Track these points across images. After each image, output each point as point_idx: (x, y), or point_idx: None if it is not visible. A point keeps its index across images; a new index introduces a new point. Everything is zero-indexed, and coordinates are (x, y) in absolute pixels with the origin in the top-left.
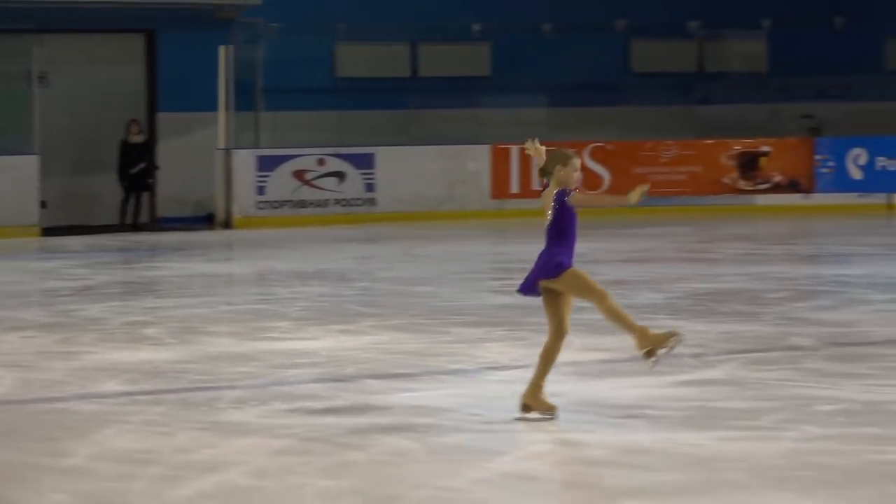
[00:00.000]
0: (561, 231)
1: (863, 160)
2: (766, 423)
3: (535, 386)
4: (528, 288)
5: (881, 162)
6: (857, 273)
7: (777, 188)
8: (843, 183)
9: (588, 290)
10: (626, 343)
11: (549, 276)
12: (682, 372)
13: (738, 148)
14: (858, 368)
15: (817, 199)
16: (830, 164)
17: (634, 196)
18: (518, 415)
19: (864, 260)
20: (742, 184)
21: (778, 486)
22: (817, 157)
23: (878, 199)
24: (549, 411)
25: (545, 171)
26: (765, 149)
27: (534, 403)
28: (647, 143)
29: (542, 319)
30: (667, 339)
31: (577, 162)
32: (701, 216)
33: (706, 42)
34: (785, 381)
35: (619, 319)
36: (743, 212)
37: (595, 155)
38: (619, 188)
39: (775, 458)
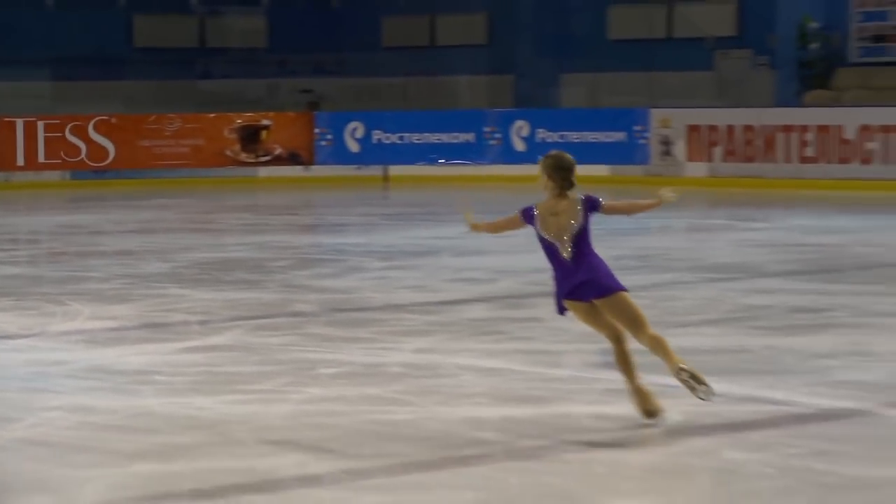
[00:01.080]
0: (590, 242)
1: (360, 133)
2: (270, 386)
3: (637, 391)
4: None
5: (377, 135)
6: (356, 242)
7: (278, 160)
8: (341, 155)
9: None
10: (131, 312)
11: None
12: (188, 339)
13: (239, 121)
14: (358, 333)
15: (317, 171)
16: (329, 137)
17: (666, 196)
18: (647, 421)
19: (361, 229)
20: (244, 156)
21: (283, 446)
22: (316, 130)
23: (375, 171)
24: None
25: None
26: (265, 122)
27: (651, 406)
28: (150, 117)
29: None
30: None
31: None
32: (205, 188)
33: (207, 18)
34: (289, 345)
35: (662, 350)
36: (245, 183)
37: (99, 128)
38: (124, 161)
39: (280, 419)
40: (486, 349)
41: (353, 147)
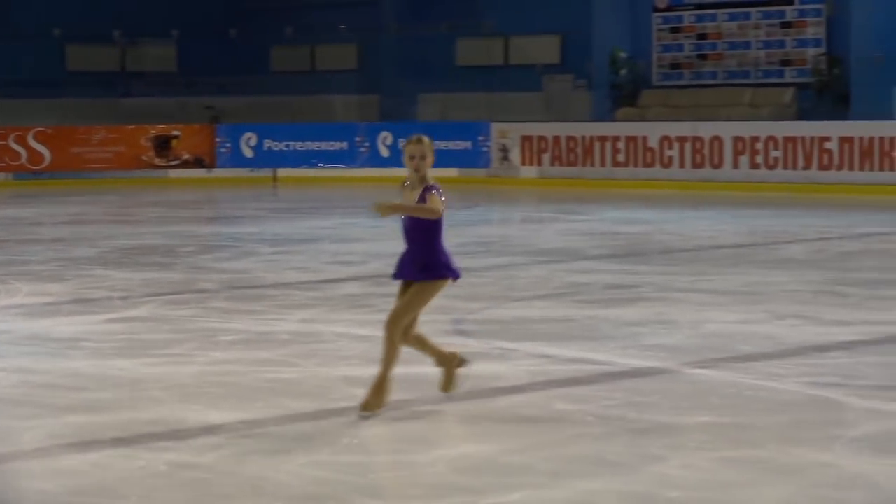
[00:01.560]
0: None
1: (253, 142)
2: (180, 350)
3: (379, 384)
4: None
5: (268, 143)
6: (250, 231)
7: (186, 164)
8: (238, 160)
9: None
10: (64, 289)
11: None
12: (111, 311)
13: (153, 132)
14: (253, 306)
15: (218, 173)
16: (228, 145)
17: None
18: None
19: (255, 221)
20: (157, 161)
21: (190, 400)
22: (217, 139)
23: (266, 173)
24: (368, 409)
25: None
26: (175, 133)
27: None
28: (80, 128)
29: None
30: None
31: (409, 148)
32: (125, 187)
33: (127, 47)
34: (195, 317)
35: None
36: (159, 183)
37: (37, 137)
38: (58, 164)
39: (188, 378)
40: (358, 320)
41: (248, 153)
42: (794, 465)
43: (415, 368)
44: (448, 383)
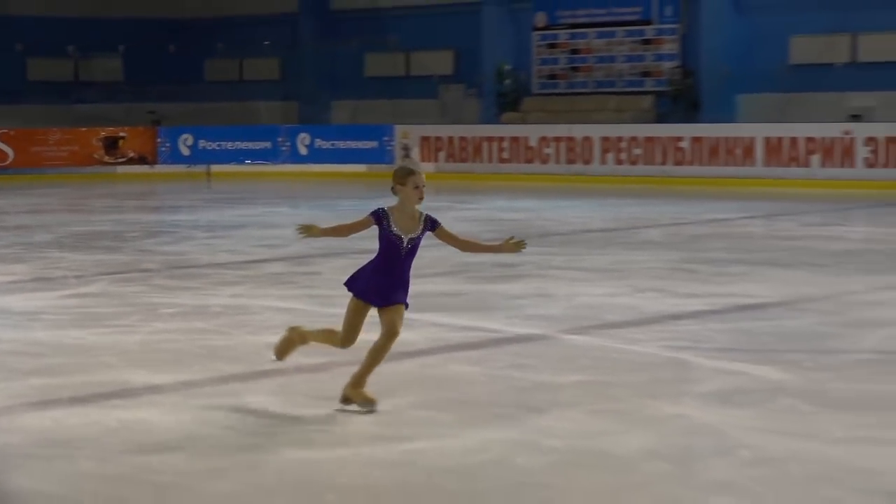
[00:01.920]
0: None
1: (190, 142)
2: (127, 322)
3: (359, 379)
4: (365, 293)
5: (203, 143)
6: (187, 219)
7: (131, 161)
8: (176, 158)
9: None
10: (25, 269)
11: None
12: (67, 288)
13: (103, 134)
14: (190, 283)
15: (159, 169)
16: (168, 144)
17: (507, 248)
18: (339, 406)
19: (191, 210)
20: (107, 159)
21: (136, 364)
22: (158, 139)
23: (201, 168)
24: (368, 403)
25: (394, 191)
26: (122, 134)
27: (354, 395)
28: (40, 131)
29: None
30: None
31: (414, 178)
32: (79, 181)
33: (80, 60)
34: (139, 293)
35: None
36: (108, 178)
37: (2, 138)
38: (21, 161)
39: (134, 345)
40: (282, 294)
41: (185, 152)
42: (652, 416)
43: None
44: (284, 352)
